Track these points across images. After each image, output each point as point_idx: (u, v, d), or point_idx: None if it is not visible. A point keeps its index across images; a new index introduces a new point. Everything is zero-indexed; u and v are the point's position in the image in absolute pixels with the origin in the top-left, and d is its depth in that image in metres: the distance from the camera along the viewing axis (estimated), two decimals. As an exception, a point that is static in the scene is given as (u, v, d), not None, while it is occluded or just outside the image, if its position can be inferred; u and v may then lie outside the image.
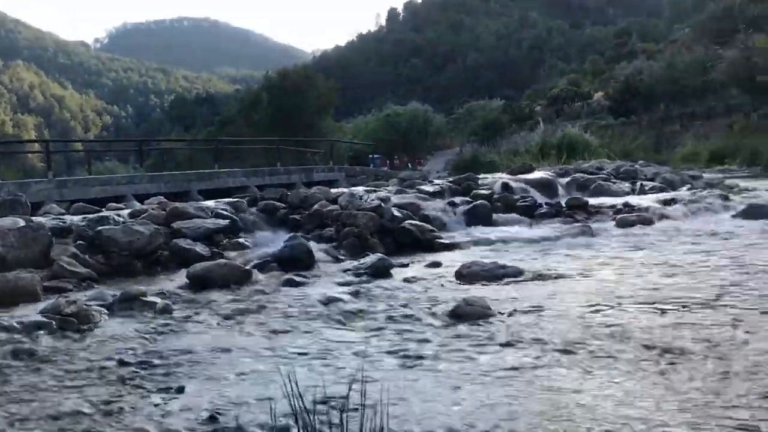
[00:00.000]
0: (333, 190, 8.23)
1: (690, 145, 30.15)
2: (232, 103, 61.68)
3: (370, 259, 5.43)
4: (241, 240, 6.23)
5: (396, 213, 7.01)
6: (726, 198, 9.51)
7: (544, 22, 79.58)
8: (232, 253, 5.80)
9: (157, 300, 4.24)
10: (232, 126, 42.87)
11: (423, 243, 6.58)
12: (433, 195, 8.52)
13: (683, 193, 9.93)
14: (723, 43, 40.86)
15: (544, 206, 8.60)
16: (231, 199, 7.51)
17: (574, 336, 3.04)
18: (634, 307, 3.56)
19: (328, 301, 4.12)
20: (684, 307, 3.49)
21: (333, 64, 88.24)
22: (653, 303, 3.61)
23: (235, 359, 2.96)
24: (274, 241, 6.09)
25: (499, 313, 3.62)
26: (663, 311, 3.41)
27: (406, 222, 6.82)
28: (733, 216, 7.81)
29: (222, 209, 6.78)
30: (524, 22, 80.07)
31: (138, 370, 2.85)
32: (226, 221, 6.37)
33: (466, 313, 3.60)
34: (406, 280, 4.87)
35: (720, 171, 23.08)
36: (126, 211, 6.83)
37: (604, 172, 11.63)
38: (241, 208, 7.04)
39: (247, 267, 5.12)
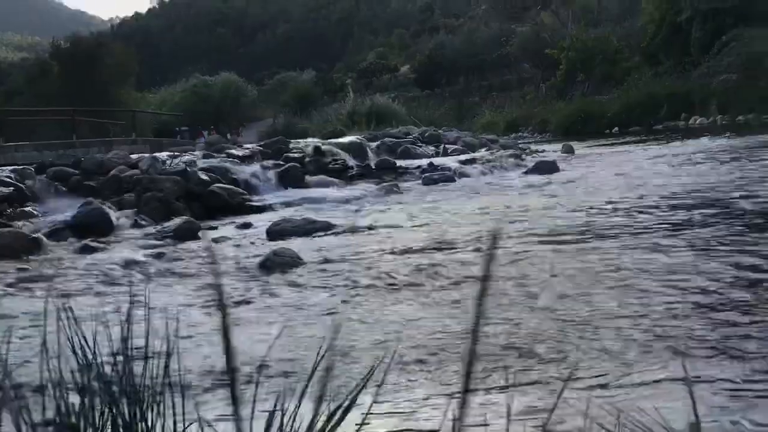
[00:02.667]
0: (133, 156, 7.75)
1: (488, 114, 32.23)
2: (18, 73, 55.88)
3: (175, 222, 5.20)
4: (28, 209, 5.68)
5: (203, 177, 6.76)
6: (519, 158, 10.30)
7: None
8: (19, 222, 5.26)
9: (-75, 274, 3.74)
10: (20, 98, 38.82)
11: (233, 206, 6.42)
12: (244, 159, 8.34)
13: (482, 154, 10.60)
14: (516, 20, 43.88)
15: (355, 168, 8.76)
16: (15, 167, 6.81)
17: (376, 275, 3.12)
18: (431, 250, 3.73)
19: (127, 264, 3.87)
20: (469, 247, 3.70)
21: (133, 32, 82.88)
22: (446, 246, 3.80)
23: (14, 324, 2.67)
24: (67, 209, 5.61)
25: (310, 262, 3.61)
26: (455, 252, 3.61)
27: (215, 185, 6.61)
28: (524, 172, 8.47)
29: (5, 177, 6.13)
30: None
31: None
32: (10, 189, 5.77)
33: (275, 264, 3.55)
34: (214, 240, 4.72)
35: (515, 137, 24.97)
36: None
37: (411, 136, 12.07)
38: (28, 176, 6.41)
39: (36, 235, 4.67)
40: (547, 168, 8.41)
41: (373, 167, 8.81)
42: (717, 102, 20.57)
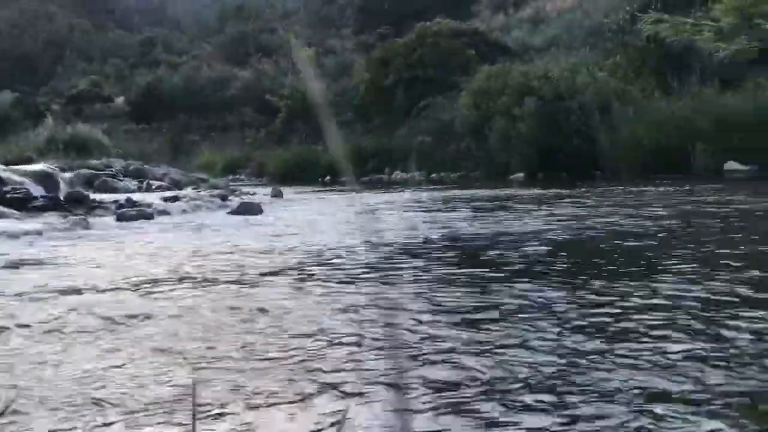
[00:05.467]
0: None
1: (207, 154, 31.88)
2: None
3: None
4: None
5: None
6: (225, 198, 10.27)
7: (64, 17, 74.61)
8: None
9: None
10: None
11: None
12: None
13: (187, 192, 10.36)
14: (239, 64, 44.43)
15: (41, 199, 7.99)
16: None
17: (17, 317, 2.82)
18: (94, 290, 3.49)
19: None
20: (134, 287, 3.55)
21: None
22: (111, 286, 3.59)
23: None
24: None
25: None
26: (117, 292, 3.43)
27: None
28: (228, 213, 8.45)
29: None
30: (42, 14, 73.73)
31: None
32: None
33: None
34: None
35: (233, 179, 24.99)
36: None
37: (113, 169, 11.40)
38: None
39: None
40: (250, 209, 8.48)
41: (62, 199, 8.11)
42: (416, 159, 22.81)
